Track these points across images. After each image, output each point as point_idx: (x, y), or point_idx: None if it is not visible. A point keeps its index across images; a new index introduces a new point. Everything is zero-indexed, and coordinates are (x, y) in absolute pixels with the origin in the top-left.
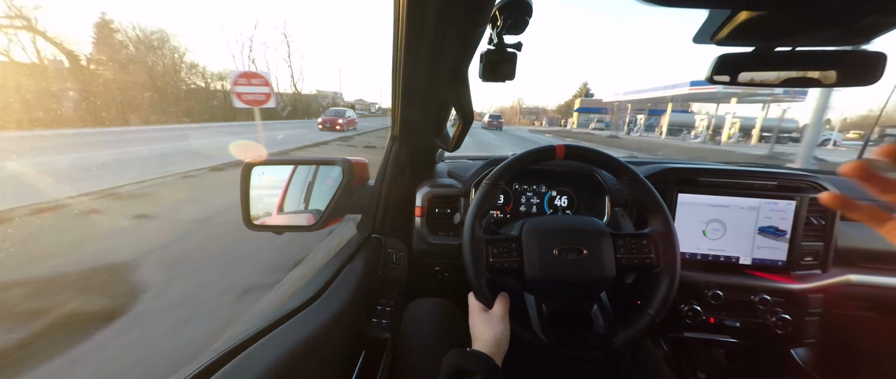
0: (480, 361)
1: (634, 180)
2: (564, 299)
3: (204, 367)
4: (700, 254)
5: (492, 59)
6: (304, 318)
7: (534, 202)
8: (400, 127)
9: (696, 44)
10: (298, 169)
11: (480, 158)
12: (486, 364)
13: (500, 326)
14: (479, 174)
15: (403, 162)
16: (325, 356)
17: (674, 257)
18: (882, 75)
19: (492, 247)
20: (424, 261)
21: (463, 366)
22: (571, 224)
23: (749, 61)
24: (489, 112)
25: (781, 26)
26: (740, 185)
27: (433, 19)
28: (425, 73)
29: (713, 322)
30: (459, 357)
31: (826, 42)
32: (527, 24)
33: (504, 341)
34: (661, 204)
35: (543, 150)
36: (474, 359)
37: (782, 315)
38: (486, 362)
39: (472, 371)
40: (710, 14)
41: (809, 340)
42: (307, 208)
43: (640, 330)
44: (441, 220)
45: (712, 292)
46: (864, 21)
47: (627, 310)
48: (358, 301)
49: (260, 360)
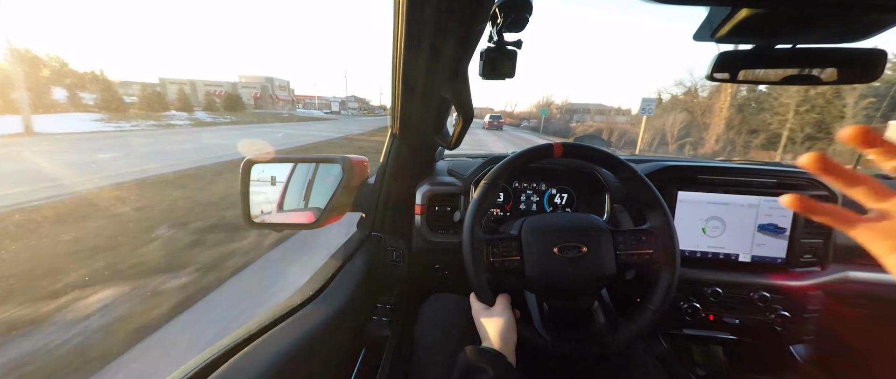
0: (491, 357)
1: (633, 177)
2: (565, 297)
3: (205, 364)
4: (699, 251)
5: (492, 57)
6: (304, 316)
7: (533, 200)
8: (399, 125)
9: (696, 41)
10: (298, 167)
11: (480, 156)
12: (497, 360)
13: (502, 320)
14: (479, 172)
15: (403, 160)
16: (325, 354)
17: (673, 253)
18: (882, 72)
19: (492, 246)
20: (424, 259)
21: (476, 364)
22: (571, 222)
23: (749, 59)
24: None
25: (782, 24)
26: (740, 182)
27: (433, 16)
28: (425, 71)
29: (712, 319)
30: (472, 355)
31: (826, 39)
32: (527, 21)
33: (510, 333)
34: (659, 200)
35: (542, 148)
36: (486, 356)
37: (781, 312)
38: (496, 359)
39: (484, 368)
40: (711, 11)
41: (808, 337)
42: (307, 206)
43: (641, 326)
44: (441, 218)
45: (711, 290)
46: (864, 18)
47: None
48: (358, 299)
49: (260, 357)
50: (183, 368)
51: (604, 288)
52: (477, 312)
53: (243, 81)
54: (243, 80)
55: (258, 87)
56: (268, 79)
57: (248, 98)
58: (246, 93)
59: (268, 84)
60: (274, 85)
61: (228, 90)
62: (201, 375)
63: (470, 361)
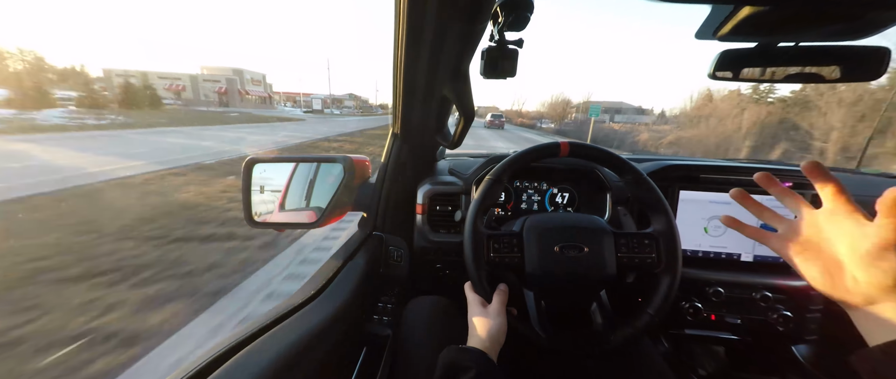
0: (475, 356)
1: (638, 179)
2: (564, 296)
3: (206, 363)
4: (701, 251)
5: (493, 56)
6: (305, 315)
7: (535, 200)
8: (401, 124)
9: (698, 40)
10: (300, 166)
11: (481, 156)
12: (481, 359)
13: (495, 321)
14: (480, 172)
15: (404, 159)
16: (326, 353)
17: (675, 258)
18: (885, 70)
19: (493, 242)
20: (425, 258)
21: (458, 362)
22: (573, 222)
23: (752, 57)
24: None
25: (784, 22)
26: (742, 182)
27: (434, 16)
28: (426, 70)
29: (714, 319)
30: (455, 353)
31: (829, 37)
32: (528, 20)
33: (499, 336)
34: (664, 203)
35: (548, 147)
36: (469, 355)
37: (783, 312)
38: (480, 358)
39: (467, 367)
40: (713, 10)
41: (811, 337)
42: (309, 206)
43: (638, 329)
44: (442, 217)
45: (713, 290)
46: (867, 16)
47: (627, 308)
48: (359, 298)
49: (261, 356)
50: (183, 368)
51: (603, 290)
52: (472, 307)
53: (206, 73)
54: (206, 72)
55: (223, 80)
56: (236, 71)
57: (210, 93)
58: (209, 87)
59: (236, 77)
60: (244, 78)
61: (187, 83)
62: (202, 374)
63: (452, 360)
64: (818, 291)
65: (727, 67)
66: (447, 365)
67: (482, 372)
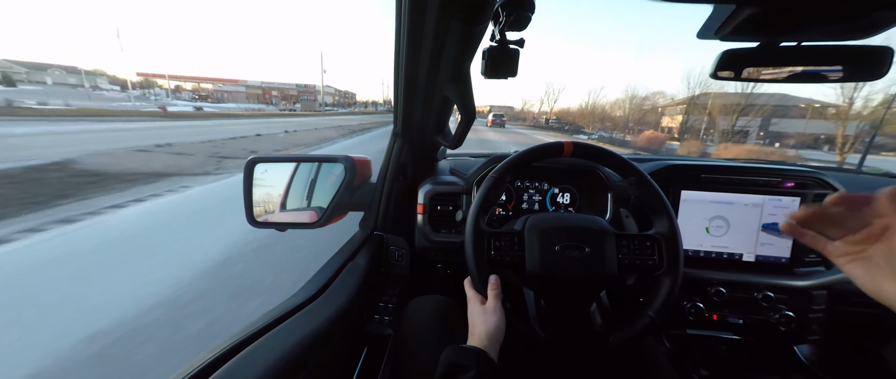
0: (475, 356)
1: (641, 180)
2: (563, 296)
3: (207, 363)
4: (703, 251)
5: (494, 56)
6: (306, 315)
7: (536, 199)
8: (402, 124)
9: (700, 39)
10: (301, 166)
11: (483, 156)
12: (481, 359)
13: (494, 318)
14: (481, 171)
15: (405, 159)
16: (327, 353)
17: (677, 261)
18: (889, 70)
19: (494, 240)
20: (426, 258)
21: (459, 362)
22: (575, 222)
23: (754, 57)
24: None
25: (787, 21)
26: (744, 181)
27: (435, 16)
28: (427, 70)
29: (716, 319)
30: (455, 353)
31: (831, 36)
32: (529, 20)
33: (499, 333)
34: (666, 206)
35: (551, 146)
36: (469, 354)
37: (785, 312)
38: (480, 357)
39: (468, 366)
40: (715, 9)
41: (813, 338)
42: (310, 206)
43: (638, 331)
44: (443, 217)
45: (715, 290)
46: (870, 15)
47: (628, 309)
48: (360, 298)
49: (262, 356)
50: (184, 368)
51: (603, 291)
52: (472, 305)
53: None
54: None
55: None
56: None
57: None
58: None
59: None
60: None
61: None
62: (203, 374)
63: (453, 360)
64: (821, 292)
65: (729, 67)
66: (447, 365)
67: (482, 371)
